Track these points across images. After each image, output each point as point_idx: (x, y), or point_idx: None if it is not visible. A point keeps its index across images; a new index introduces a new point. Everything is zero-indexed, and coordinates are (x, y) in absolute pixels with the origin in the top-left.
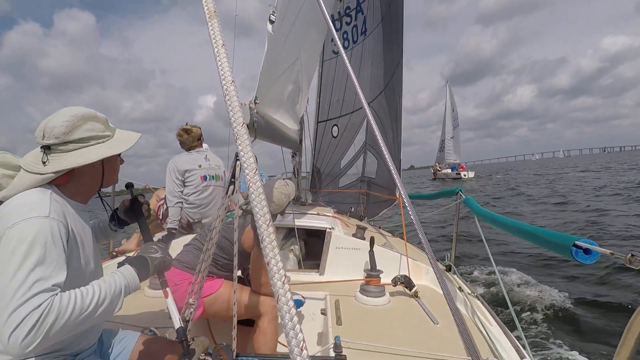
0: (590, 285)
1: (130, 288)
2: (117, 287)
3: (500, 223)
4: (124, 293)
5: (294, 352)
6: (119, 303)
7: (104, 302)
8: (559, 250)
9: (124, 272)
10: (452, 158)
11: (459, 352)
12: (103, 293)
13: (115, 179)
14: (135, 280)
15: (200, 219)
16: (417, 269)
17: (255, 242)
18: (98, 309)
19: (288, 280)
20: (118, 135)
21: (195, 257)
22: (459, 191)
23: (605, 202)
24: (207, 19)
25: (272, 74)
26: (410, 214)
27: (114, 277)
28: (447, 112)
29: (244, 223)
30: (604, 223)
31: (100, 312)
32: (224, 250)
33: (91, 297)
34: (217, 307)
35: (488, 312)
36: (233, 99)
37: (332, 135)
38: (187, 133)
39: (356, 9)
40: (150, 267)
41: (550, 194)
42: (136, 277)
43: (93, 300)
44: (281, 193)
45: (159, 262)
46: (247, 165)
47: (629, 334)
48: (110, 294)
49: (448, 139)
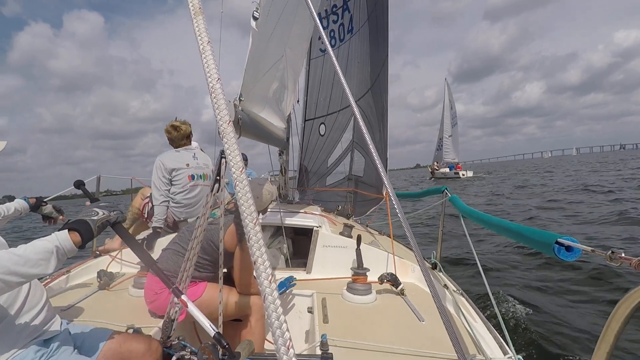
0: (575, 282)
1: (63, 249)
2: (47, 246)
3: (484, 221)
4: (55, 253)
5: (280, 350)
6: (51, 262)
7: (31, 257)
8: (542, 247)
9: (57, 234)
10: (450, 157)
11: (445, 350)
12: (30, 249)
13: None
14: (68, 242)
15: (186, 218)
16: (403, 266)
17: (239, 240)
18: (25, 263)
19: (274, 279)
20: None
21: (174, 263)
22: (444, 189)
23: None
24: (193, 16)
25: (257, 71)
26: (397, 212)
27: (45, 238)
28: (445, 109)
29: (227, 223)
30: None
31: (29, 267)
32: (204, 250)
33: (15, 252)
34: (203, 312)
35: (473, 310)
36: (219, 96)
37: (320, 134)
38: (175, 130)
39: (343, 7)
40: (93, 227)
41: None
42: (68, 239)
43: (17, 253)
44: (267, 191)
45: (103, 221)
46: (234, 164)
47: (609, 329)
48: (36, 252)
49: (446, 137)
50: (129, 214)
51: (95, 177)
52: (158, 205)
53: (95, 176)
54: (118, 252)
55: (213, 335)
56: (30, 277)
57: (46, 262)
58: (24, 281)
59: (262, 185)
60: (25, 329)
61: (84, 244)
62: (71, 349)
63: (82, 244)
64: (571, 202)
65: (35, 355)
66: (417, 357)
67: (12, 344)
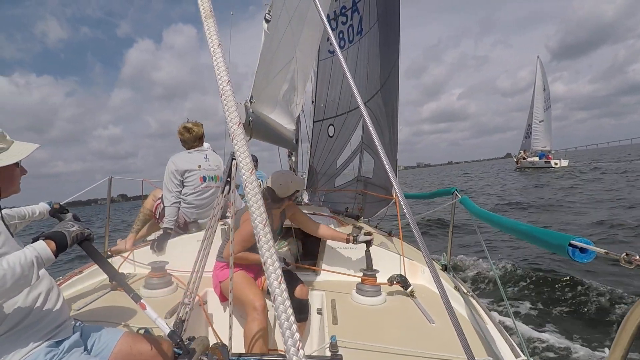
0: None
1: (41, 259)
2: (28, 258)
3: (496, 222)
4: (35, 264)
5: (290, 351)
6: (34, 273)
7: (13, 272)
8: (555, 249)
9: (35, 245)
10: (541, 145)
11: (455, 352)
12: (11, 264)
13: (12, 189)
14: (46, 252)
15: (196, 219)
16: (413, 268)
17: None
18: (7, 279)
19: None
20: (14, 148)
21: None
22: (454, 191)
23: None
24: (203, 19)
25: (268, 73)
26: (407, 214)
27: (24, 251)
28: (536, 91)
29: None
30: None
31: (11, 282)
32: None
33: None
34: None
35: (484, 312)
36: (229, 98)
37: (328, 135)
38: (188, 132)
39: (352, 8)
40: (68, 238)
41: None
42: (46, 249)
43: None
44: (288, 178)
45: (77, 234)
46: (244, 165)
47: (623, 332)
48: (20, 264)
49: (537, 123)
50: (140, 215)
51: (107, 178)
52: (169, 207)
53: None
54: (130, 253)
55: (167, 333)
56: (17, 291)
57: (30, 273)
58: (11, 296)
59: (283, 173)
60: (41, 329)
61: (58, 254)
62: (81, 350)
63: (56, 254)
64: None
65: (45, 357)
66: (427, 359)
67: (27, 344)
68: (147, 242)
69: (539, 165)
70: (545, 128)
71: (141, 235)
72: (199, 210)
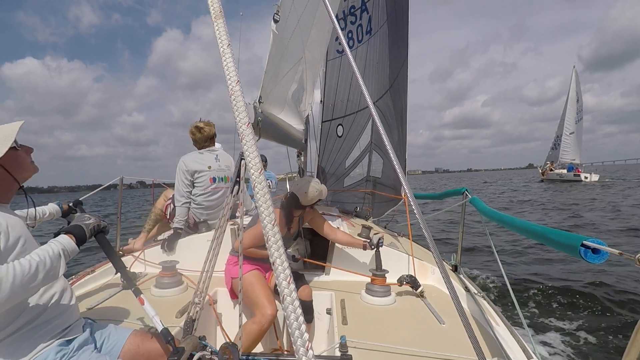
0: (601, 284)
1: (67, 251)
2: (55, 251)
3: (507, 223)
4: (62, 256)
5: (299, 351)
6: (61, 265)
7: (44, 264)
8: (567, 250)
9: (59, 239)
10: (569, 157)
11: (466, 353)
12: (42, 257)
13: (27, 172)
14: (71, 244)
15: (206, 220)
16: (423, 268)
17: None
18: (39, 271)
19: (292, 280)
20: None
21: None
22: (465, 190)
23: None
24: (213, 19)
25: (277, 73)
26: (416, 213)
27: (49, 244)
28: (569, 102)
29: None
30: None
31: (43, 274)
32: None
33: (29, 262)
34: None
35: (495, 312)
36: (238, 98)
37: (337, 135)
38: (199, 132)
39: (361, 8)
40: (86, 230)
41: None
42: (71, 242)
43: (32, 264)
44: (314, 188)
45: (94, 225)
46: (252, 165)
47: (639, 333)
48: (49, 257)
49: (566, 135)
50: (152, 215)
51: (118, 178)
52: (179, 207)
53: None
54: (141, 252)
55: (160, 331)
56: (47, 283)
57: (58, 265)
58: (40, 288)
59: (309, 182)
60: (53, 328)
61: (79, 246)
62: (91, 349)
63: (78, 246)
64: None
65: (55, 356)
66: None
67: (38, 342)
68: (158, 241)
69: (567, 178)
70: (576, 140)
71: (152, 235)
72: (208, 211)
